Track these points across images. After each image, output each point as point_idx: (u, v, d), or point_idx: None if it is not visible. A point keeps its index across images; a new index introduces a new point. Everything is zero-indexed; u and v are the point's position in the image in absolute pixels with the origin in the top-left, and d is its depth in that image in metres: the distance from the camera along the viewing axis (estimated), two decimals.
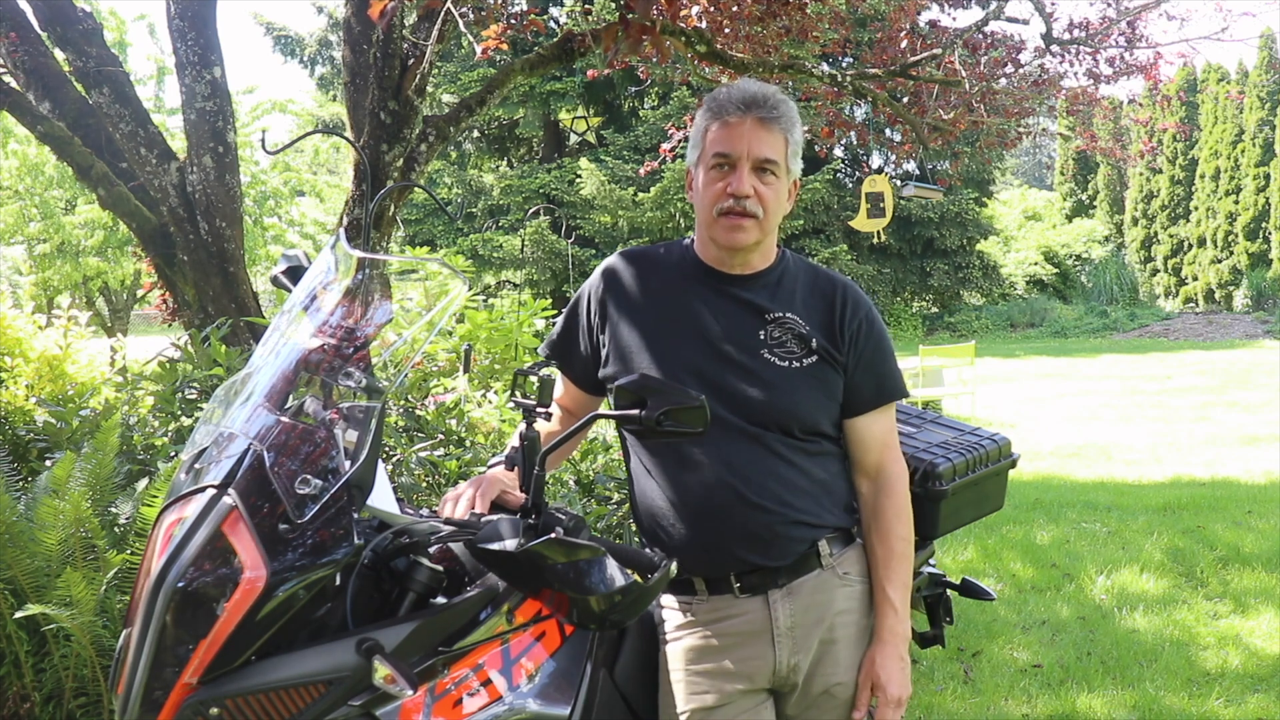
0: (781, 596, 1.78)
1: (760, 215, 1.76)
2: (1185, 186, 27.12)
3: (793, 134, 1.79)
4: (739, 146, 1.75)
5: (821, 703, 1.80)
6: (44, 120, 5.18)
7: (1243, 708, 3.48)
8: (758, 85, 1.80)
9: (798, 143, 1.81)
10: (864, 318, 1.84)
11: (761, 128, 1.75)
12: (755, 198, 1.75)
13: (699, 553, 1.77)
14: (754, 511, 1.74)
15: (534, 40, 7.24)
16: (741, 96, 1.77)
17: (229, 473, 1.47)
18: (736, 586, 1.78)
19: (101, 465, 2.55)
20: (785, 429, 1.77)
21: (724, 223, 1.77)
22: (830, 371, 1.80)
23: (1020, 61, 7.53)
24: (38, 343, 5.08)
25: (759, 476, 1.75)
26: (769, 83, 1.84)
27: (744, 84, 1.81)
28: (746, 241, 1.78)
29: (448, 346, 4.93)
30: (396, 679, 1.36)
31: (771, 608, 1.77)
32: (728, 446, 1.75)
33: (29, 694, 2.50)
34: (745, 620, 1.78)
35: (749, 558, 1.76)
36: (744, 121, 1.75)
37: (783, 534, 1.76)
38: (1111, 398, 12.99)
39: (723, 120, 1.77)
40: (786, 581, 1.78)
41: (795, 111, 1.80)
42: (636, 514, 1.87)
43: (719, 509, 1.75)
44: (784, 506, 1.75)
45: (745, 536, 1.75)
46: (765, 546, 1.76)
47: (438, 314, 3.70)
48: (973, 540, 5.61)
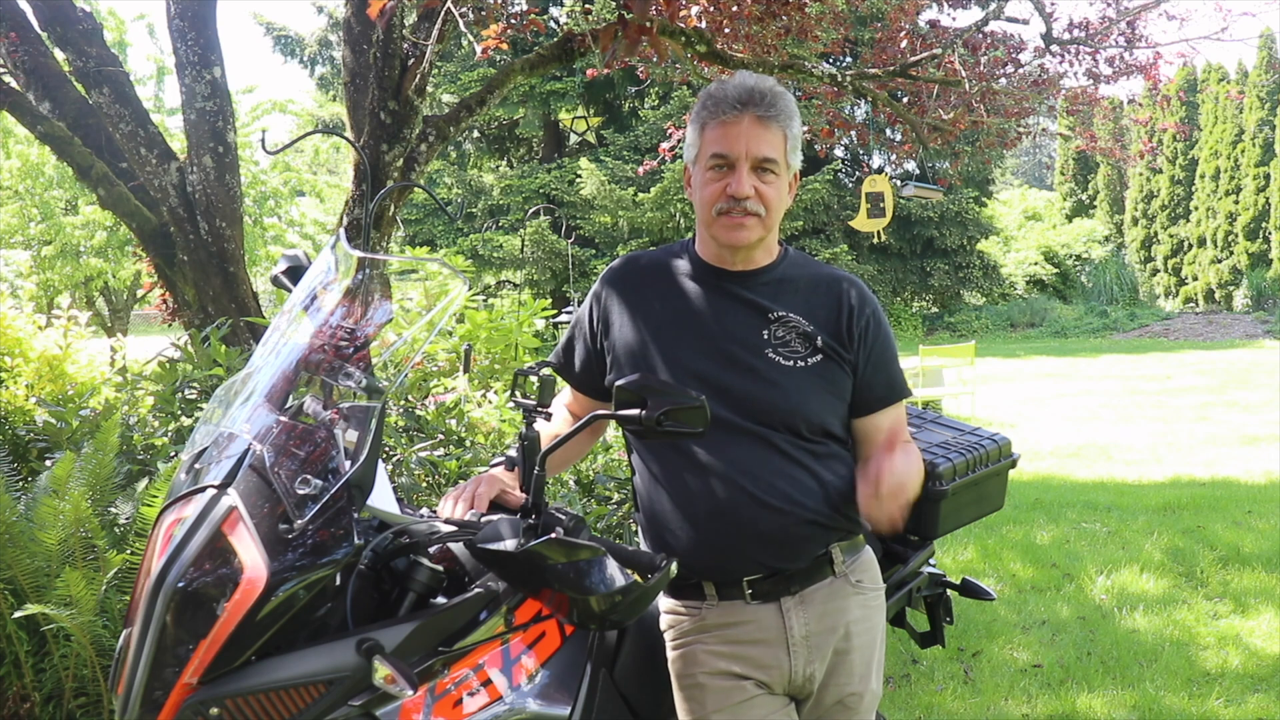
0: (795, 604, 1.75)
1: (762, 213, 1.73)
2: (1185, 186, 27.11)
3: (791, 128, 1.74)
4: (737, 147, 1.71)
5: (835, 713, 1.79)
6: (44, 120, 5.18)
7: (1243, 708, 3.48)
8: (754, 79, 1.75)
9: (796, 136, 1.76)
10: (871, 314, 1.81)
11: (759, 125, 1.71)
12: (756, 197, 1.72)
13: (710, 555, 1.74)
14: (765, 511, 1.71)
15: (534, 40, 7.24)
16: (738, 93, 1.71)
17: (229, 473, 1.48)
18: (748, 593, 1.74)
19: (101, 465, 2.55)
20: (792, 429, 1.74)
21: (724, 222, 1.74)
22: (837, 370, 1.77)
23: (1020, 61, 7.52)
24: (38, 343, 5.08)
25: (768, 476, 1.72)
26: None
27: (740, 78, 1.75)
28: (749, 239, 1.75)
29: (448, 346, 4.94)
30: (396, 679, 1.36)
31: (785, 616, 1.75)
32: (734, 447, 1.72)
33: (29, 694, 2.50)
34: (758, 627, 1.75)
35: (762, 559, 1.73)
36: (741, 120, 1.71)
37: (795, 534, 1.73)
38: (1111, 398, 12.98)
39: (720, 119, 1.72)
40: (799, 589, 1.75)
41: (793, 104, 1.75)
42: (642, 519, 1.85)
43: (729, 510, 1.72)
44: (794, 506, 1.72)
45: (757, 537, 1.72)
46: (778, 547, 1.73)
47: (438, 314, 3.71)
48: (973, 540, 5.61)
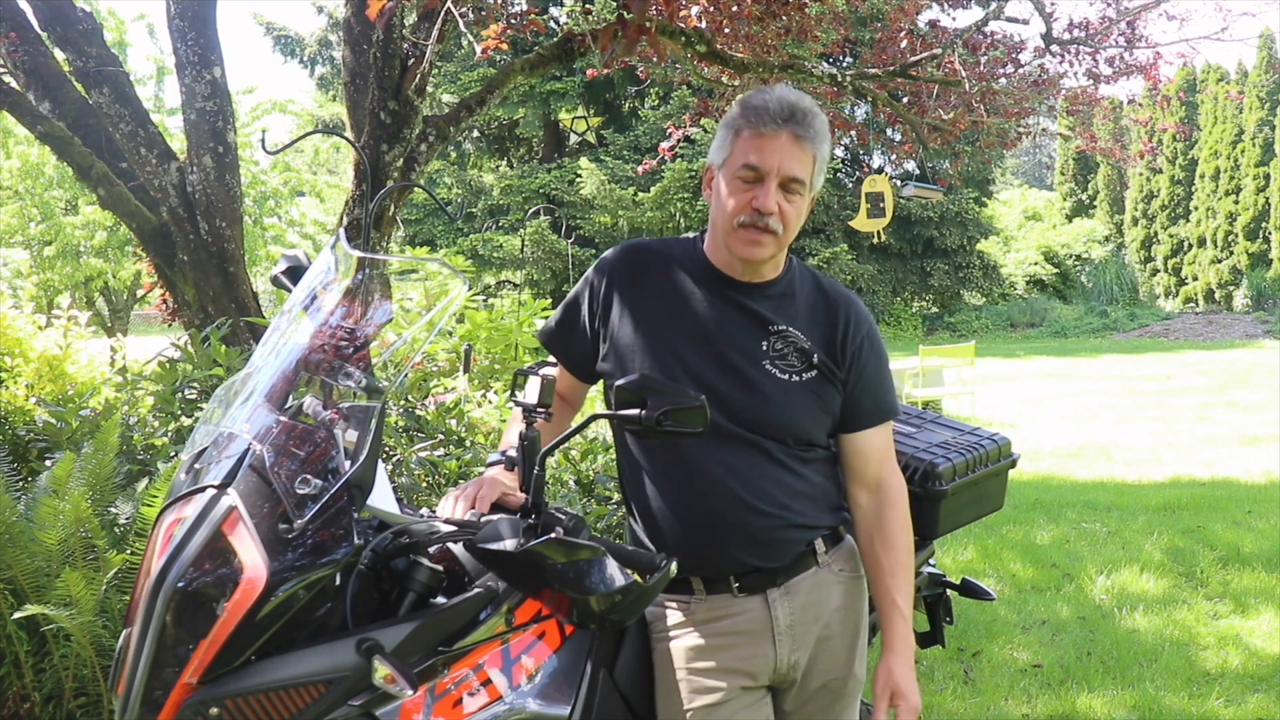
0: (780, 595, 1.80)
1: (780, 232, 1.75)
2: (1185, 186, 27.12)
3: (822, 151, 1.76)
4: (770, 161, 1.71)
5: (818, 697, 1.84)
6: (44, 120, 5.18)
7: (1243, 708, 3.48)
8: (796, 95, 1.75)
9: (824, 160, 1.78)
10: (865, 335, 1.84)
11: (795, 144, 1.72)
12: (778, 215, 1.73)
13: (697, 554, 1.77)
14: (753, 516, 1.76)
15: (534, 40, 7.23)
16: (779, 108, 1.71)
17: (229, 473, 1.47)
18: (735, 586, 1.79)
19: (101, 465, 2.55)
20: (779, 439, 1.78)
21: (743, 235, 1.75)
22: (829, 387, 1.80)
23: (1020, 61, 7.52)
24: (38, 343, 5.09)
25: (758, 481, 1.76)
26: (768, 83, 1.83)
27: (783, 93, 1.75)
28: (763, 256, 1.77)
29: (448, 346, 4.94)
30: (396, 679, 1.36)
31: (771, 607, 1.79)
32: (725, 451, 1.76)
33: (29, 694, 2.50)
34: (745, 619, 1.79)
35: (747, 560, 1.78)
36: (779, 135, 1.71)
37: (781, 537, 1.78)
38: (1111, 398, 12.98)
39: (757, 129, 1.72)
40: (784, 580, 1.80)
41: (827, 126, 1.77)
42: (633, 516, 1.88)
43: (718, 512, 1.76)
44: (782, 510, 1.77)
45: (744, 539, 1.76)
46: (764, 549, 1.78)
47: (438, 314, 3.71)
48: (973, 540, 5.61)
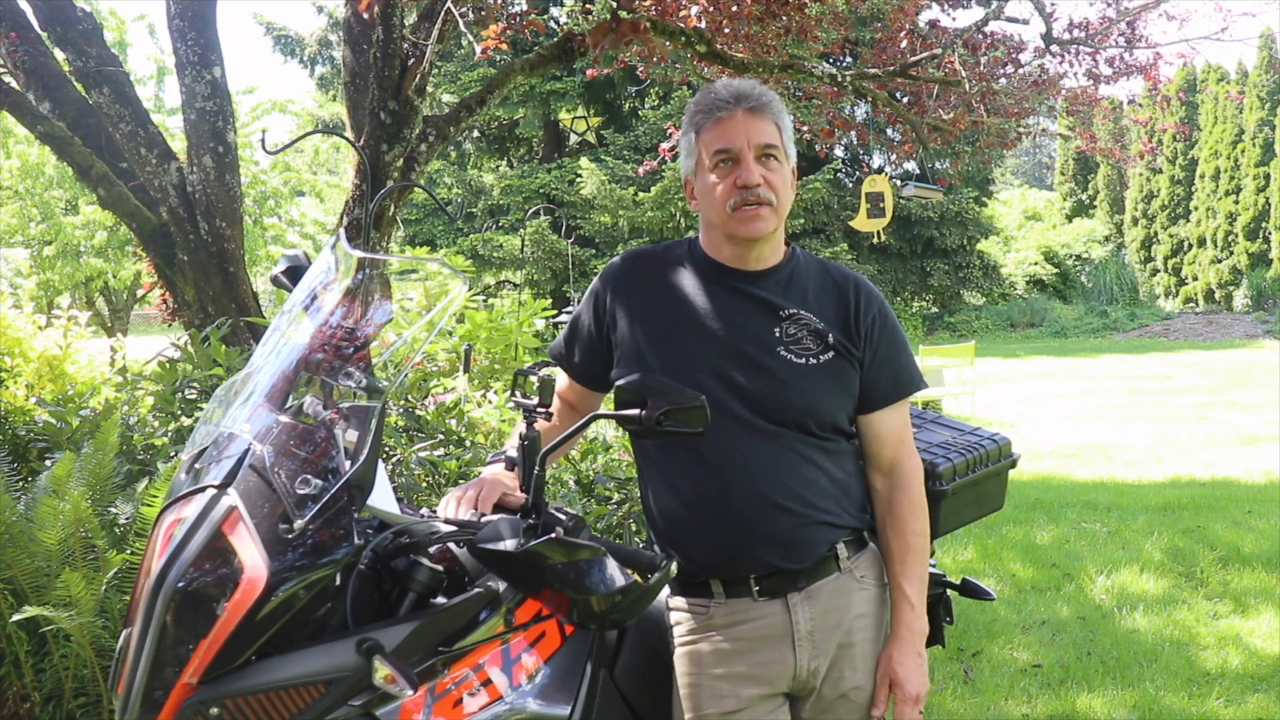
0: (801, 600, 1.76)
1: (774, 202, 1.76)
2: (1185, 186, 27.12)
3: (783, 121, 1.79)
4: (738, 139, 1.74)
5: (838, 706, 1.79)
6: (44, 120, 5.18)
7: (1243, 708, 3.48)
8: (738, 81, 1.81)
9: (789, 129, 1.81)
10: (878, 312, 1.83)
11: (754, 116, 1.75)
12: (765, 185, 1.75)
13: (719, 555, 1.75)
14: (779, 514, 1.72)
15: (534, 40, 7.23)
16: (728, 93, 1.77)
17: (229, 473, 1.47)
18: (756, 590, 1.76)
19: (101, 465, 2.55)
20: (803, 427, 1.75)
21: (740, 215, 1.75)
22: (847, 367, 1.79)
23: (1020, 61, 7.52)
24: (38, 343, 5.09)
25: (782, 477, 1.73)
26: (767, 83, 1.85)
27: (724, 82, 1.81)
28: (766, 230, 1.77)
29: (448, 346, 4.94)
30: (396, 679, 1.36)
31: (792, 611, 1.76)
32: (746, 446, 1.73)
33: (29, 694, 2.50)
34: (765, 624, 1.76)
35: (771, 560, 1.74)
36: (735, 114, 1.75)
37: (806, 536, 1.75)
38: (1111, 398, 12.98)
39: (714, 118, 1.76)
40: (806, 585, 1.77)
41: (780, 101, 1.81)
42: (650, 516, 1.85)
43: (741, 511, 1.73)
44: (808, 508, 1.74)
45: (768, 539, 1.73)
46: (788, 549, 1.74)
47: (438, 314, 3.71)
48: (973, 540, 5.61)
